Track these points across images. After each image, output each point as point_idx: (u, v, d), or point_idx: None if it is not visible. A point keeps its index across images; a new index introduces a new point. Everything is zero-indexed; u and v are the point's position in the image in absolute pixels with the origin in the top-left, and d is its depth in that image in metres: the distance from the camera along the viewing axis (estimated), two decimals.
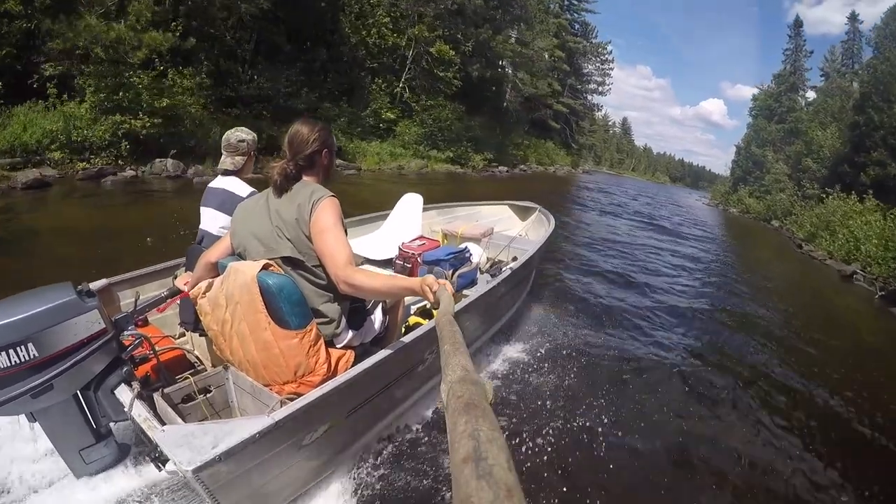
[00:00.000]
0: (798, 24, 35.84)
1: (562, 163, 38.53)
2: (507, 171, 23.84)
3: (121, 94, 8.04)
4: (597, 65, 47.35)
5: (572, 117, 44.08)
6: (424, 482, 1.99)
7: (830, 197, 15.12)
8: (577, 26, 44.36)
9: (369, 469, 1.96)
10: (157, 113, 8.49)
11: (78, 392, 1.49)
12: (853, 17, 29.53)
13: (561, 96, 40.31)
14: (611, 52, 48.21)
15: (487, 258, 3.74)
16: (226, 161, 2.18)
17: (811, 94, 29.96)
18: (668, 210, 21.79)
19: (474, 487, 0.35)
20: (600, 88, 48.06)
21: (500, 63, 28.33)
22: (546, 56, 34.52)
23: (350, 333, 1.69)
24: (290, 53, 13.69)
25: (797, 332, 5.50)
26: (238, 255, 1.67)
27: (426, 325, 2.00)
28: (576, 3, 42.97)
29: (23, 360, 1.32)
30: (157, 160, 8.66)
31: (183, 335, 2.26)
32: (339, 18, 15.80)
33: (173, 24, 9.70)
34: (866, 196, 13.31)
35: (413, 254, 3.31)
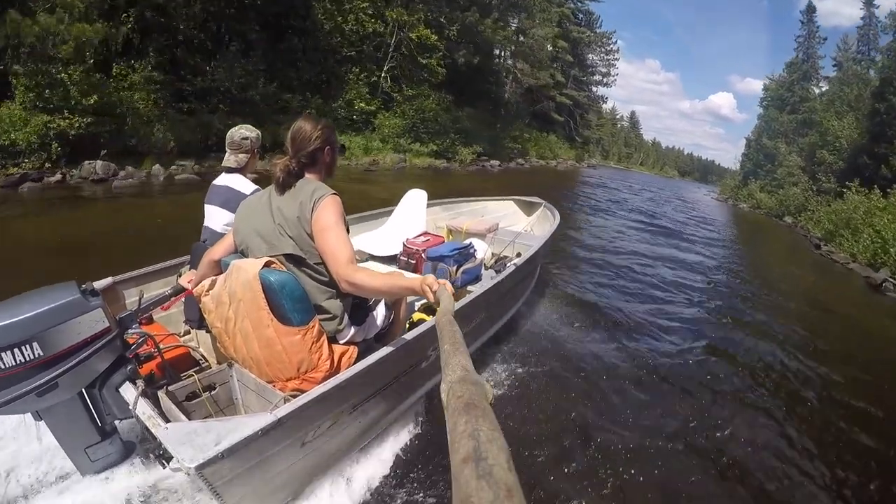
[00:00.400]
0: (811, 9, 33.66)
1: (565, 157, 37.34)
2: (501, 166, 22.32)
3: (47, 92, 7.48)
4: (601, 55, 45.99)
5: (576, 110, 43.03)
6: (426, 481, 1.99)
7: (850, 191, 13.75)
8: (580, 16, 43.16)
9: (372, 466, 1.96)
10: (87, 111, 7.80)
11: (83, 390, 1.50)
12: (869, 2, 27.46)
13: (564, 88, 39.31)
14: (616, 41, 46.98)
15: (492, 254, 3.73)
16: (229, 159, 2.20)
17: (825, 87, 28.39)
18: (673, 206, 19.89)
19: (474, 487, 0.34)
20: (605, 80, 46.77)
21: (498, 52, 27.04)
22: (549, 46, 33.48)
23: (353, 329, 1.69)
24: (258, 43, 12.71)
25: (831, 386, 3.85)
26: (241, 252, 1.67)
27: (429, 321, 1.99)
28: None
29: (28, 358, 1.33)
30: (87, 162, 7.92)
31: (188, 333, 2.27)
32: (312, 4, 14.63)
33: (124, 14, 9.13)
34: (890, 190, 12.20)
35: (417, 250, 3.31)
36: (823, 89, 28.11)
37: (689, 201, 26.21)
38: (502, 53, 29.45)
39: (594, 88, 47.17)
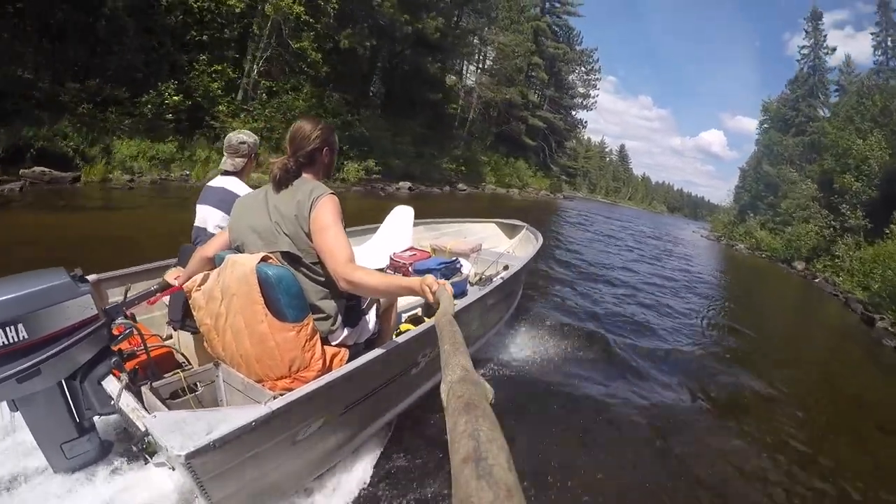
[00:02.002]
0: (816, 15, 28.19)
1: (536, 186, 33.38)
2: (413, 190, 16.95)
3: None
4: (581, 74, 41.69)
5: (552, 135, 39.21)
6: (423, 482, 1.96)
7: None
8: (558, 31, 38.39)
9: (365, 468, 1.93)
10: None
11: (63, 381, 1.46)
12: (885, 4, 24.34)
13: (539, 109, 35.79)
14: (597, 59, 42.54)
15: (475, 273, 3.78)
16: (226, 162, 2.24)
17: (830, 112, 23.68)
18: (649, 250, 14.43)
19: (474, 487, 0.34)
20: (584, 101, 42.26)
21: (443, 56, 22.14)
22: (525, 65, 29.74)
23: (345, 331, 1.68)
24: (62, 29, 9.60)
25: None
26: (235, 249, 1.66)
27: (417, 328, 1.99)
28: (557, 4, 36.98)
29: (11, 341, 1.29)
30: None
31: (170, 337, 2.22)
32: None
33: None
34: None
35: (404, 263, 3.35)
36: (828, 115, 23.82)
37: (669, 239, 21.74)
38: (460, 63, 25.48)
39: (573, 112, 42.58)
